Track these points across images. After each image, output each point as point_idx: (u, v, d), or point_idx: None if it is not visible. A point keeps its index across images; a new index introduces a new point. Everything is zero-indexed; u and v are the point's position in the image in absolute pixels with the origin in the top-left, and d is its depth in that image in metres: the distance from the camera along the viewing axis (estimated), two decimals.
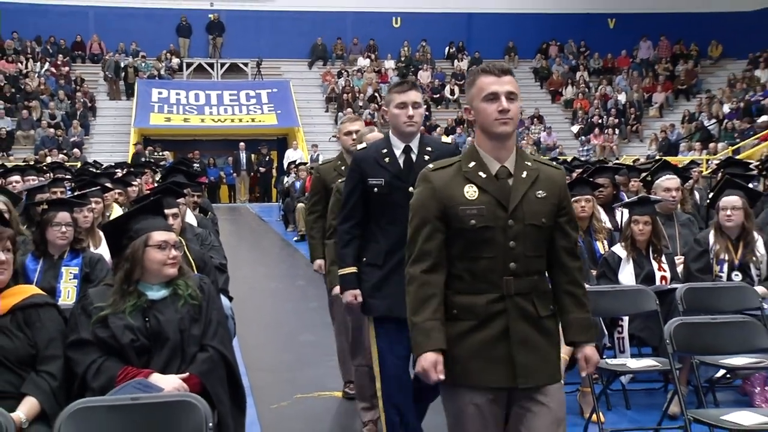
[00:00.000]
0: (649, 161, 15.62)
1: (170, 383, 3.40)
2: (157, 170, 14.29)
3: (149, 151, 24.65)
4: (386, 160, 4.32)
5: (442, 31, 30.28)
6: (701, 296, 5.22)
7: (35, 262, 5.17)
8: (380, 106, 27.66)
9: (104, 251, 5.45)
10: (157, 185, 9.06)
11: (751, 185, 7.35)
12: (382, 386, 4.39)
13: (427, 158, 4.24)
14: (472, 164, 3.08)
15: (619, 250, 5.86)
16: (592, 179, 7.05)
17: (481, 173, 3.06)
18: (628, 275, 5.74)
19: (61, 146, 24.34)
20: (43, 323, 3.55)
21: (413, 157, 4.32)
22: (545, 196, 3.09)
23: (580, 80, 29.69)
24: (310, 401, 6.03)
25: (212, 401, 3.42)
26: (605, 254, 6.03)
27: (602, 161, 15.80)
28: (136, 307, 3.52)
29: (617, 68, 30.11)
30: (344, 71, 29.41)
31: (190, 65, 29.41)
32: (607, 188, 7.39)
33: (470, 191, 3.04)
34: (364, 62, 30.14)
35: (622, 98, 28.40)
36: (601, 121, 27.20)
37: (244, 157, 26.43)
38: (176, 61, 29.44)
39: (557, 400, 3.12)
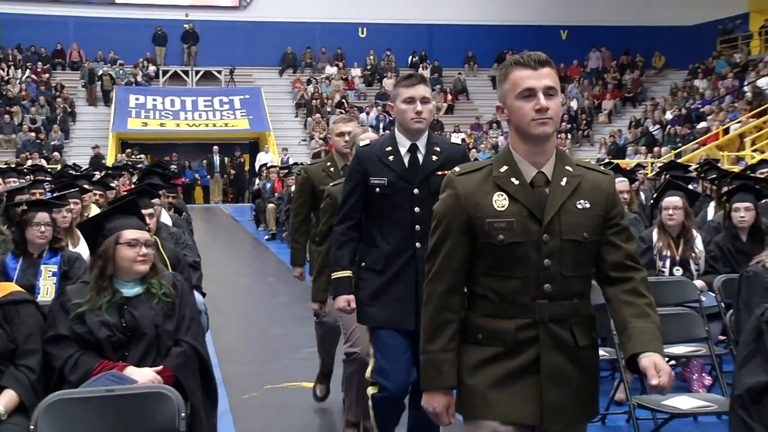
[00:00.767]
0: (599, 164, 15.74)
1: (144, 376, 3.37)
2: (134, 172, 14.16)
3: (127, 153, 24.52)
4: (390, 158, 3.85)
5: (405, 41, 30.34)
6: None
7: (15, 260, 5.10)
8: (347, 111, 27.67)
9: (82, 250, 5.41)
10: (133, 187, 8.98)
11: (690, 186, 7.45)
12: (373, 406, 3.91)
13: (434, 159, 3.84)
14: (504, 169, 2.52)
15: None
16: None
17: (513, 180, 2.50)
18: None
19: (41, 150, 24.05)
20: (22, 319, 3.50)
21: (420, 157, 3.85)
22: (588, 206, 2.53)
23: None
24: (279, 391, 6.01)
25: (185, 393, 3.39)
26: None
27: None
28: (111, 303, 3.49)
29: (569, 77, 30.33)
30: (313, 79, 29.36)
31: (166, 73, 29.24)
32: None
33: (500, 200, 2.49)
34: (331, 70, 30.11)
35: (574, 105, 28.65)
36: None
37: (217, 160, 26.35)
38: (153, 68, 29.22)
39: None
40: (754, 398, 2.94)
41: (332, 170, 5.16)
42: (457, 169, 2.59)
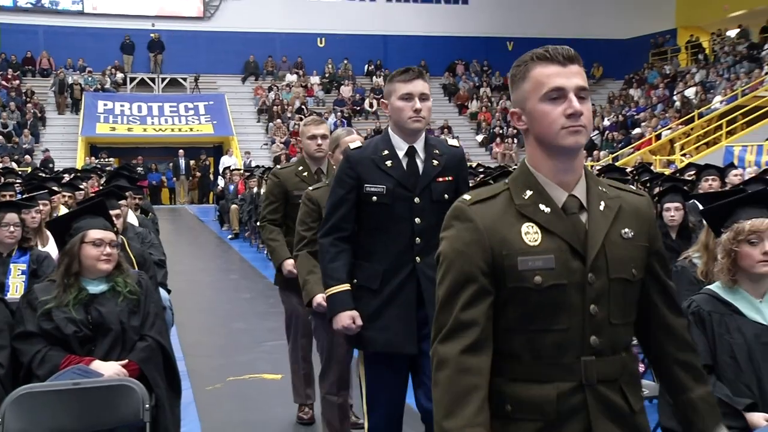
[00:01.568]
0: None
1: (110, 369, 3.32)
2: (102, 175, 13.94)
3: (100, 156, 24.26)
4: (388, 163, 3.21)
5: (361, 50, 30.36)
6: None
7: None
8: (306, 117, 27.57)
9: (51, 250, 5.31)
10: (101, 188, 8.84)
11: None
12: None
13: (435, 163, 3.23)
14: (528, 194, 1.90)
15: None
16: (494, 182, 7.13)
17: (542, 207, 1.88)
18: None
19: (12, 153, 23.60)
20: None
21: (419, 161, 3.23)
22: (633, 235, 1.93)
23: (483, 95, 30.04)
24: (241, 383, 5.97)
25: (150, 385, 3.35)
26: None
27: (503, 167, 16.03)
28: (78, 300, 3.43)
29: None
30: (274, 86, 29.22)
31: (133, 80, 28.88)
32: None
33: (530, 233, 1.87)
34: (292, 78, 29.98)
35: None
36: (501, 131, 27.66)
37: (183, 162, 26.07)
38: (120, 75, 28.84)
39: None
40: None
41: (305, 175, 4.71)
42: (466, 196, 1.94)
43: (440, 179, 3.25)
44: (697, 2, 28.60)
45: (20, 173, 14.90)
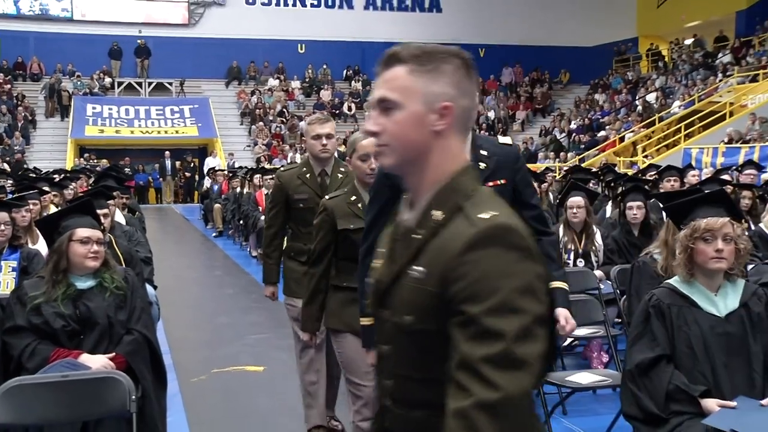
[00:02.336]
0: None
1: (97, 362, 3.30)
2: (91, 175, 13.81)
3: (86, 158, 23.99)
4: None
5: (340, 56, 30.30)
6: None
7: None
8: (287, 120, 27.53)
9: (41, 247, 5.25)
10: (89, 188, 8.76)
11: (591, 187, 7.60)
12: None
13: (483, 166, 2.65)
14: None
15: None
16: None
17: None
18: None
19: (4, 155, 23.31)
20: None
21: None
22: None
23: None
24: (225, 375, 5.93)
25: (136, 377, 3.33)
26: None
27: None
28: (66, 296, 3.40)
29: (487, 90, 30.64)
30: (256, 90, 29.10)
31: (121, 84, 28.66)
32: None
33: None
34: (273, 82, 29.88)
35: (491, 115, 28.96)
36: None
37: (169, 163, 25.91)
38: (108, 80, 28.60)
39: None
40: (641, 372, 3.02)
41: (308, 177, 4.27)
42: None
43: (490, 184, 2.60)
44: (656, 13, 28.89)
45: (11, 174, 14.72)
